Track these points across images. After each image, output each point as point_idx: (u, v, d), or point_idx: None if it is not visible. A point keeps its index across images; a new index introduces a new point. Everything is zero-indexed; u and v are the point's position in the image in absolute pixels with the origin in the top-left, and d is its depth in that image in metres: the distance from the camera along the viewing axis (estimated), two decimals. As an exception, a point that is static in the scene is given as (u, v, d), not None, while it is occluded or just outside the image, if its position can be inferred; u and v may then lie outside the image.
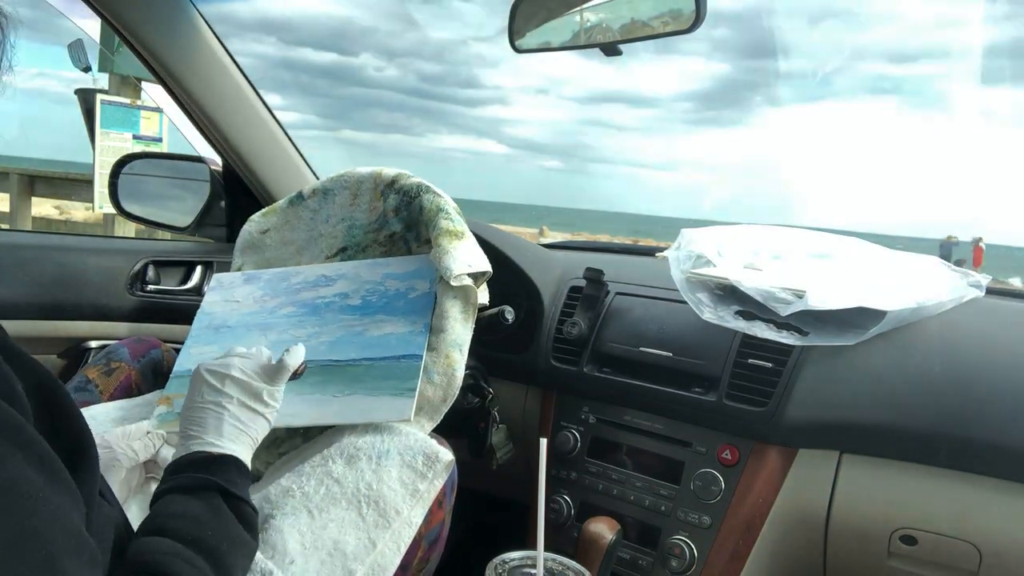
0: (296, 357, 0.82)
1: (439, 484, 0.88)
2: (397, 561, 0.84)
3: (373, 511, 0.84)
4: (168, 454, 0.88)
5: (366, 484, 0.85)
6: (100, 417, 0.97)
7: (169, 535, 0.61)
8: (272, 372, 0.80)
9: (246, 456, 0.75)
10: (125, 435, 0.87)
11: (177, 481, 0.68)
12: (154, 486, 0.88)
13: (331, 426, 0.94)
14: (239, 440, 0.74)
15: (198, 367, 0.79)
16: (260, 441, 0.78)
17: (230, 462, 0.71)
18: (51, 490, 0.46)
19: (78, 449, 0.53)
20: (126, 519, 0.66)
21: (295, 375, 0.83)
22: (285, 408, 0.96)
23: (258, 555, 0.75)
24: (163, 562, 0.58)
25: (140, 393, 1.07)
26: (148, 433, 0.89)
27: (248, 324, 1.08)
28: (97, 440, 0.56)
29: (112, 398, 1.04)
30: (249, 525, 0.69)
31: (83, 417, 0.55)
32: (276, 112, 1.51)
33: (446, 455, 0.88)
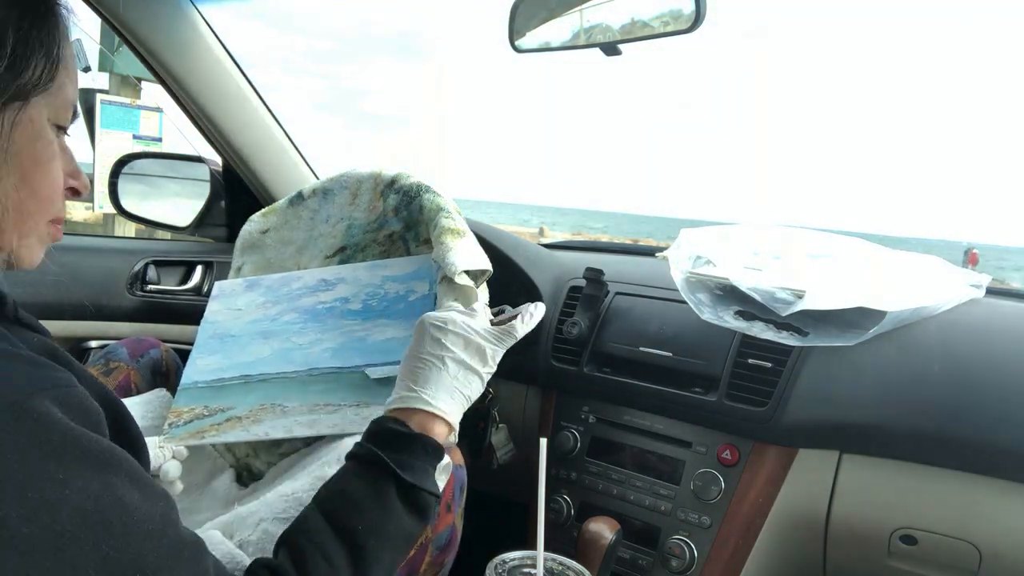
0: (529, 323, 0.81)
1: (439, 486, 0.87)
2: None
3: None
4: (171, 467, 0.88)
5: None
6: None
7: (326, 514, 0.64)
8: (497, 334, 0.78)
9: (456, 415, 0.74)
10: None
11: (360, 450, 0.69)
12: None
13: None
14: (454, 398, 0.74)
15: (423, 317, 0.77)
16: (474, 401, 0.77)
17: (417, 443, 0.70)
18: (148, 506, 0.49)
19: (137, 453, 0.56)
20: None
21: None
22: (288, 418, 0.96)
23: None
24: (305, 554, 0.61)
25: (139, 393, 1.07)
26: (160, 447, 0.89)
27: (252, 332, 1.08)
28: None
29: (111, 398, 1.04)
30: (420, 511, 0.69)
31: (136, 424, 0.59)
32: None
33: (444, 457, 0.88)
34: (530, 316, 0.81)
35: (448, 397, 0.73)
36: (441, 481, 0.88)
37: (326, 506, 0.65)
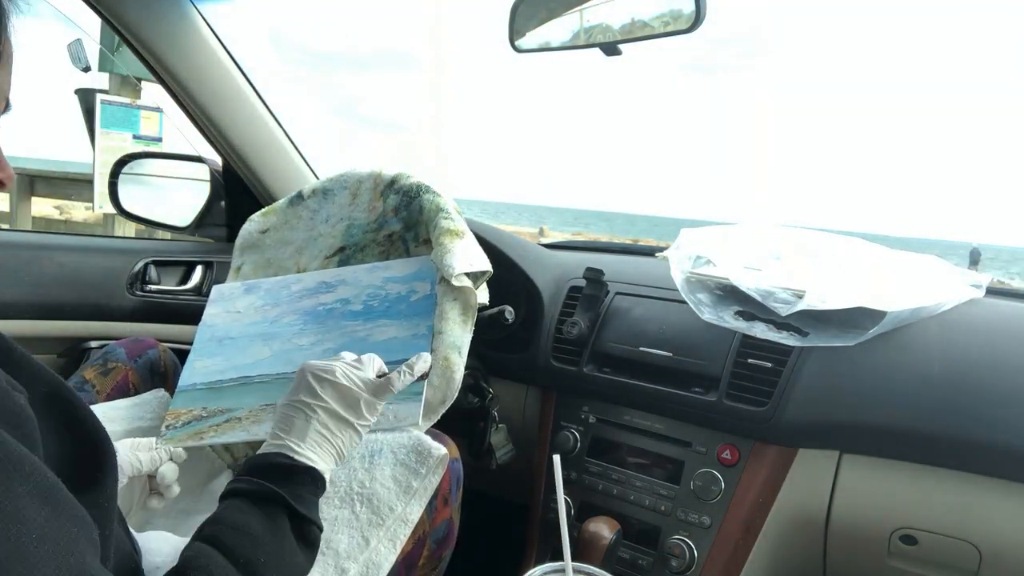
0: (406, 378, 0.79)
1: (435, 480, 0.88)
2: (392, 558, 0.84)
3: (366, 509, 0.84)
4: (167, 469, 0.87)
5: (358, 482, 0.85)
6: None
7: (222, 549, 0.60)
8: (376, 387, 0.76)
9: (326, 467, 0.71)
10: (134, 446, 0.87)
11: (249, 486, 0.67)
12: (156, 502, 0.87)
13: None
14: (322, 448, 0.71)
15: (304, 366, 0.76)
16: (346, 455, 0.74)
17: (305, 475, 0.69)
18: (54, 526, 0.43)
19: (98, 457, 0.52)
20: (134, 546, 0.65)
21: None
22: None
23: None
24: None
25: (137, 393, 1.07)
26: (156, 448, 0.88)
27: (251, 335, 1.08)
28: None
29: (109, 398, 1.03)
30: (310, 545, 0.68)
31: (99, 422, 0.54)
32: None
33: (439, 450, 0.88)
34: (409, 370, 0.80)
35: (316, 447, 0.71)
36: (435, 476, 0.86)
37: (219, 541, 0.61)
